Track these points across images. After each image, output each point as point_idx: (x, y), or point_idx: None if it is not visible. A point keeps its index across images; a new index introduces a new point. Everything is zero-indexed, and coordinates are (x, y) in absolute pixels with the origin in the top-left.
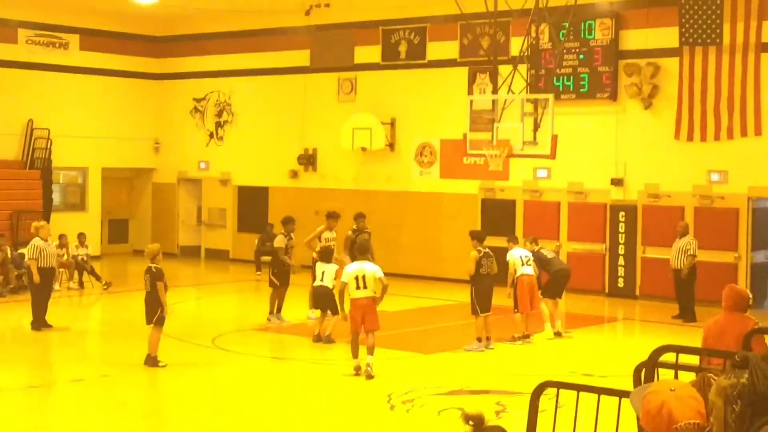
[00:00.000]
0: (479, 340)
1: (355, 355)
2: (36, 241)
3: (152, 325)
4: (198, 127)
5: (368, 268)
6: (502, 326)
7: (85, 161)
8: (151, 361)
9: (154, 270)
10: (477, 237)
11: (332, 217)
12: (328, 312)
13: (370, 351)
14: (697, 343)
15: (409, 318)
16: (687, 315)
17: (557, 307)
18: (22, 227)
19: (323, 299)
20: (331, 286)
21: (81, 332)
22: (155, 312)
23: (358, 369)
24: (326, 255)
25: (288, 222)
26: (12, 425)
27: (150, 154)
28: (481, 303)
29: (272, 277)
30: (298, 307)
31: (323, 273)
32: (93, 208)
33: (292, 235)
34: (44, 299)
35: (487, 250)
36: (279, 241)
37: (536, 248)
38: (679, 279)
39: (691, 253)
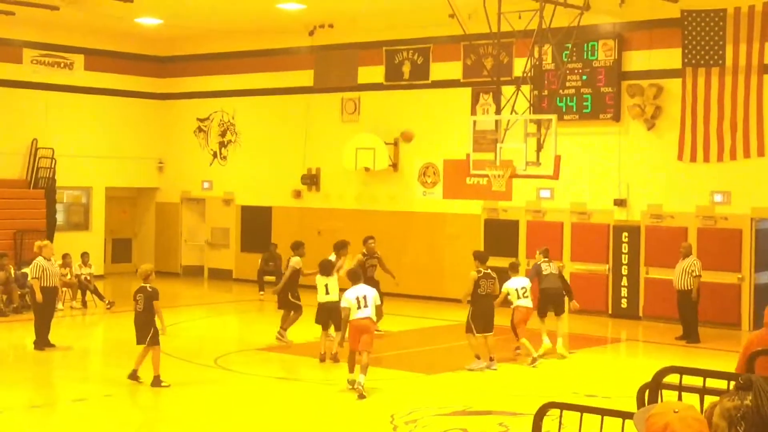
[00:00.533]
0: (478, 357)
1: (351, 370)
2: (39, 260)
3: (149, 346)
4: (201, 146)
5: (368, 290)
6: (505, 348)
7: (89, 181)
8: (156, 381)
9: (149, 290)
10: (479, 258)
11: (341, 246)
12: (331, 329)
13: (363, 370)
14: (701, 364)
15: (411, 338)
16: (691, 336)
17: (558, 327)
18: (25, 246)
19: (332, 314)
20: (338, 299)
21: (84, 351)
22: (148, 332)
23: (352, 383)
24: (327, 268)
25: (299, 247)
26: None
27: (154, 173)
28: (477, 323)
29: (292, 299)
30: (303, 326)
31: (326, 286)
32: (96, 227)
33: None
34: (47, 319)
35: (488, 271)
36: (298, 262)
37: (541, 260)
38: (682, 300)
39: (696, 274)
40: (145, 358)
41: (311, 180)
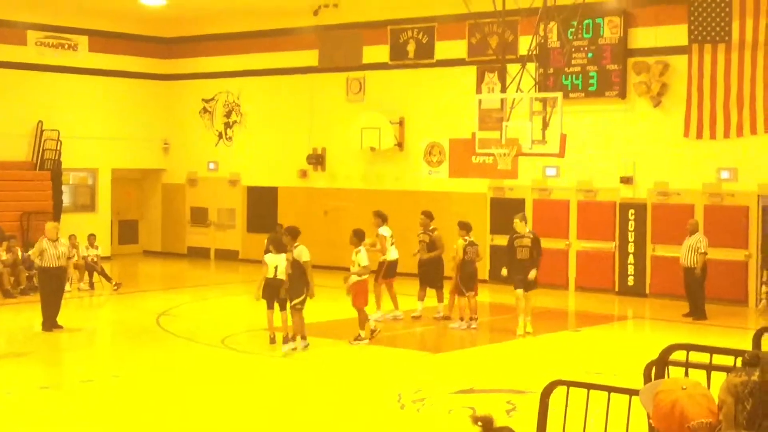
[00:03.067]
0: (461, 319)
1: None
2: (40, 241)
3: None
4: (207, 127)
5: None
6: (508, 325)
7: (95, 162)
8: None
9: None
10: (464, 227)
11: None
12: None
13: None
14: (708, 341)
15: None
16: (697, 313)
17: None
18: (32, 228)
19: (277, 291)
20: (284, 278)
21: (91, 333)
22: None
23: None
24: (281, 247)
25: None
26: (23, 426)
27: (159, 154)
28: (466, 285)
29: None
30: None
31: (276, 267)
32: (103, 209)
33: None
34: (53, 300)
35: (472, 239)
36: (306, 254)
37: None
38: (689, 277)
39: (702, 251)
40: None
41: (317, 160)
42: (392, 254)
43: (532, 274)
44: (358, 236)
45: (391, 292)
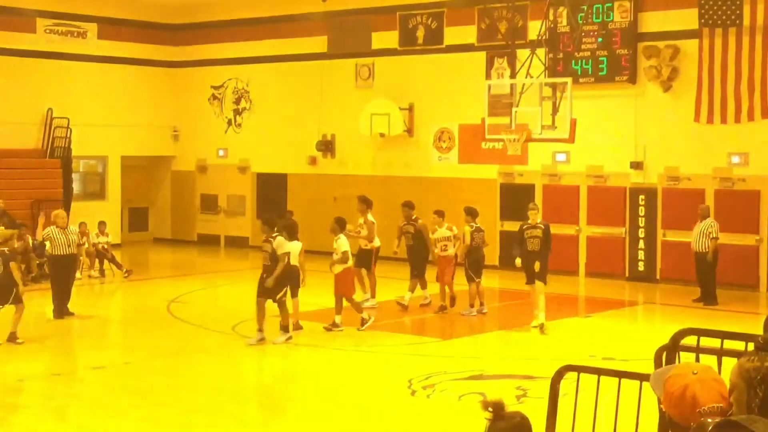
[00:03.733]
0: (471, 305)
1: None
2: (48, 229)
3: (13, 304)
4: (216, 114)
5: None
6: (522, 312)
7: (105, 150)
8: (12, 338)
9: (7, 253)
10: (470, 213)
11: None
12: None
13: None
14: (719, 326)
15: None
16: (708, 298)
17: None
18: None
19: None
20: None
21: (102, 320)
22: (11, 293)
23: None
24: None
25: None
26: (35, 412)
27: (169, 142)
28: (475, 271)
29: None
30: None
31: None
32: (113, 196)
33: None
34: (63, 288)
35: (478, 225)
36: (285, 245)
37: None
38: (700, 262)
39: (714, 236)
40: (20, 318)
41: (326, 146)
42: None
43: (536, 266)
44: (340, 224)
45: (371, 280)
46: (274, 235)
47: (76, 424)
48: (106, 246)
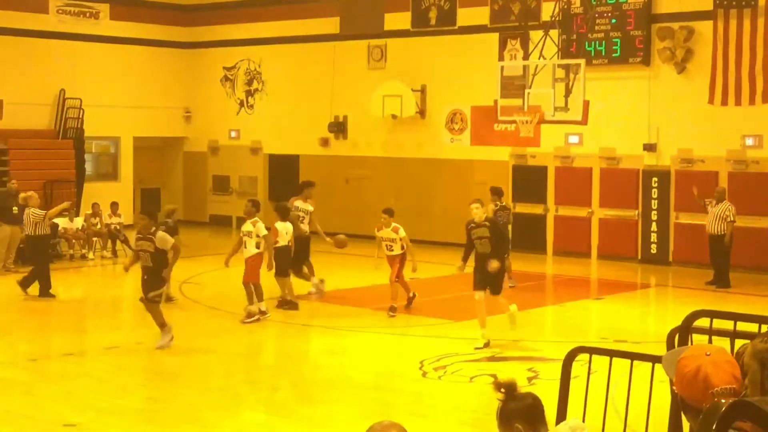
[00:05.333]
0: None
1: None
2: (27, 211)
3: None
4: (228, 95)
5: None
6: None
7: (117, 131)
8: None
9: None
10: (496, 192)
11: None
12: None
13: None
14: (732, 308)
15: (440, 285)
16: (722, 281)
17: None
18: (56, 197)
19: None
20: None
21: (114, 300)
22: None
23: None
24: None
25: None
26: (48, 391)
27: (181, 123)
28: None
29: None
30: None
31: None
32: (125, 177)
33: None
34: (38, 268)
35: (503, 204)
36: (168, 240)
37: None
38: (714, 245)
39: (731, 219)
40: None
41: (338, 128)
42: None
43: (492, 264)
44: (256, 206)
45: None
46: (153, 230)
47: (87, 403)
48: (118, 227)
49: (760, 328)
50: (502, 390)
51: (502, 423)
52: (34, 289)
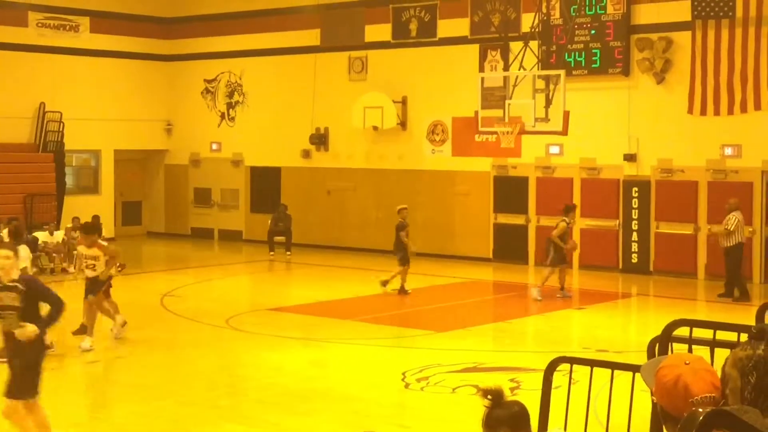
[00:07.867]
0: (562, 288)
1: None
2: None
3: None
4: (209, 108)
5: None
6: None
7: (98, 144)
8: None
9: None
10: (565, 210)
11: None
12: None
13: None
14: (710, 317)
15: (422, 296)
16: (729, 293)
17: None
18: (36, 210)
19: None
20: None
21: None
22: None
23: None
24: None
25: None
26: None
27: (162, 135)
28: (561, 258)
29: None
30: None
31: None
32: (106, 190)
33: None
34: None
35: (569, 220)
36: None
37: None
38: (724, 257)
39: (728, 227)
40: None
41: (320, 140)
42: None
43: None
44: (98, 229)
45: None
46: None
47: (68, 417)
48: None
49: (739, 336)
50: (489, 397)
51: (488, 430)
52: None
